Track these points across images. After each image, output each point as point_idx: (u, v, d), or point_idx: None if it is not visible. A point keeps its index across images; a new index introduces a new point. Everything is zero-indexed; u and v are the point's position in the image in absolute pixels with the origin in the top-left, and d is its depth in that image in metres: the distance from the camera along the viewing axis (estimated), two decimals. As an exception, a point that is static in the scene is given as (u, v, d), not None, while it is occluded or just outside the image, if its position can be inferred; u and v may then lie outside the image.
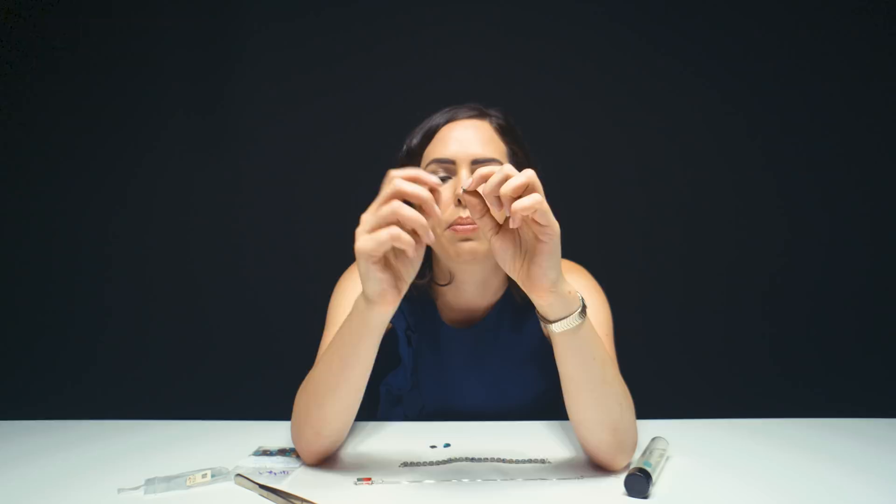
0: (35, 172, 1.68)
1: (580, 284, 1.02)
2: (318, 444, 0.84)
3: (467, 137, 0.94)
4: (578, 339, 0.75)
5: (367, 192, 1.24)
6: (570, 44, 1.64)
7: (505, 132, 0.98)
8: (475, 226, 0.89)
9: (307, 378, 0.87)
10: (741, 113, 1.64)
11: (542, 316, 0.76)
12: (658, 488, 0.76)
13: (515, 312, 1.05)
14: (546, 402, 1.07)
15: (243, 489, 0.77)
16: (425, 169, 0.95)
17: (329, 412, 0.82)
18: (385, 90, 1.62)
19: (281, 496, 0.73)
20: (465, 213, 0.90)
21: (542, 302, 0.73)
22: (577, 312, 0.74)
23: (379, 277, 0.72)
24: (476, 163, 0.92)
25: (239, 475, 0.78)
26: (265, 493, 0.74)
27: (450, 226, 0.91)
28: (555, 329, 0.74)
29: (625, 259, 1.66)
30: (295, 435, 0.86)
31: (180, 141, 1.68)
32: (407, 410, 1.09)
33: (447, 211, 0.91)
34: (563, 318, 0.74)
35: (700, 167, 1.65)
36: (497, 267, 1.00)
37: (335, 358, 0.80)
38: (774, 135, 1.64)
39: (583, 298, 0.76)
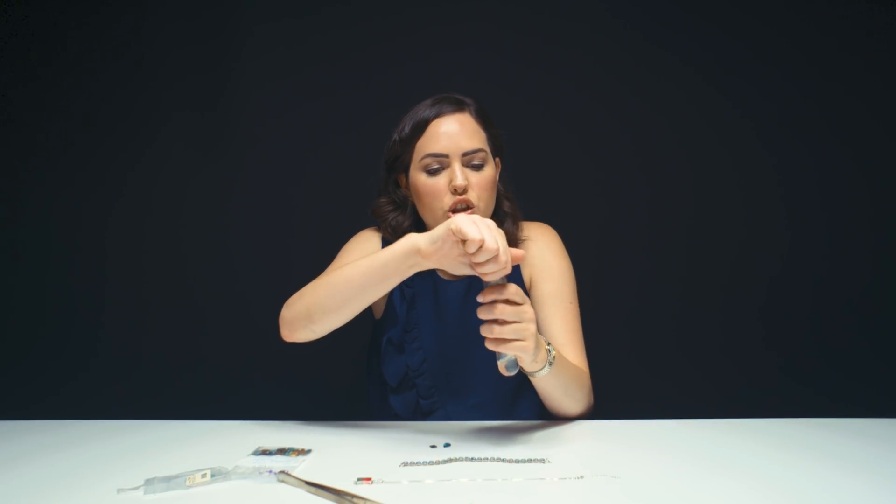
0: (33, 171, 1.67)
1: (550, 249, 1.21)
2: (305, 335, 1.04)
3: (455, 132, 1.09)
4: (548, 377, 1.00)
5: (368, 191, 1.25)
6: (573, 44, 1.64)
7: (482, 118, 1.13)
8: (471, 210, 1.08)
9: (318, 285, 1.03)
10: (744, 112, 1.64)
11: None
12: (658, 488, 0.76)
13: None
14: None
15: (241, 490, 0.77)
16: (420, 162, 1.10)
17: (330, 319, 1.01)
18: (385, 89, 1.61)
19: (329, 492, 0.73)
20: (460, 197, 1.07)
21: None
22: (540, 370, 0.98)
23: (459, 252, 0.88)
24: (466, 154, 1.09)
25: (283, 472, 0.79)
26: (313, 489, 0.74)
27: (449, 209, 1.08)
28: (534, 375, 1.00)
29: (626, 258, 1.66)
30: (289, 320, 1.04)
31: (179, 140, 1.68)
32: (410, 361, 1.17)
33: (445, 198, 1.08)
34: (535, 371, 0.98)
35: (703, 166, 1.65)
36: None
37: (358, 278, 0.97)
38: (777, 134, 1.64)
39: (548, 356, 0.97)
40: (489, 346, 0.90)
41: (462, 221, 0.85)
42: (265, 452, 0.90)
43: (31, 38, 1.67)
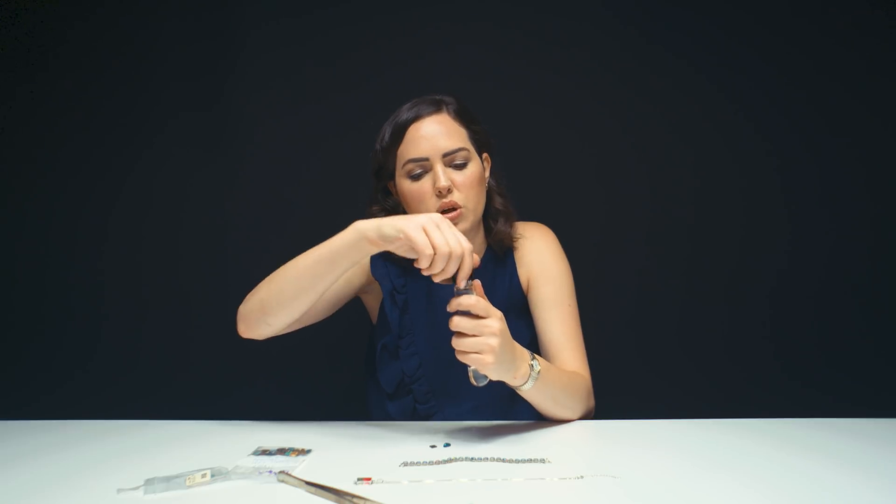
0: (32, 171, 1.67)
1: (548, 251, 1.21)
2: (261, 330, 1.06)
3: (433, 133, 1.08)
4: (532, 391, 0.98)
5: (367, 192, 1.25)
6: (574, 43, 1.64)
7: (461, 116, 1.12)
8: (458, 210, 1.07)
9: (271, 278, 1.04)
10: (746, 111, 1.63)
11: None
12: (658, 488, 0.76)
13: (497, 265, 1.20)
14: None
15: (241, 490, 0.77)
16: (403, 168, 1.09)
17: (284, 310, 1.01)
18: (386, 88, 1.61)
19: (329, 492, 0.73)
20: (446, 200, 1.06)
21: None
22: (523, 384, 0.96)
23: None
24: (447, 155, 1.07)
25: (283, 472, 0.79)
26: (313, 489, 0.75)
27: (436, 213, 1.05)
28: (518, 389, 0.98)
29: (628, 257, 1.66)
30: (244, 315, 1.06)
31: (178, 140, 1.67)
32: (405, 367, 1.16)
33: (430, 201, 1.07)
34: (518, 386, 0.96)
35: (705, 165, 1.65)
36: (477, 230, 1.17)
37: (309, 268, 0.98)
38: (780, 133, 1.63)
39: (532, 371, 0.95)
40: (457, 356, 0.90)
41: (411, 231, 0.86)
42: (265, 452, 0.90)
43: (30, 38, 1.67)
